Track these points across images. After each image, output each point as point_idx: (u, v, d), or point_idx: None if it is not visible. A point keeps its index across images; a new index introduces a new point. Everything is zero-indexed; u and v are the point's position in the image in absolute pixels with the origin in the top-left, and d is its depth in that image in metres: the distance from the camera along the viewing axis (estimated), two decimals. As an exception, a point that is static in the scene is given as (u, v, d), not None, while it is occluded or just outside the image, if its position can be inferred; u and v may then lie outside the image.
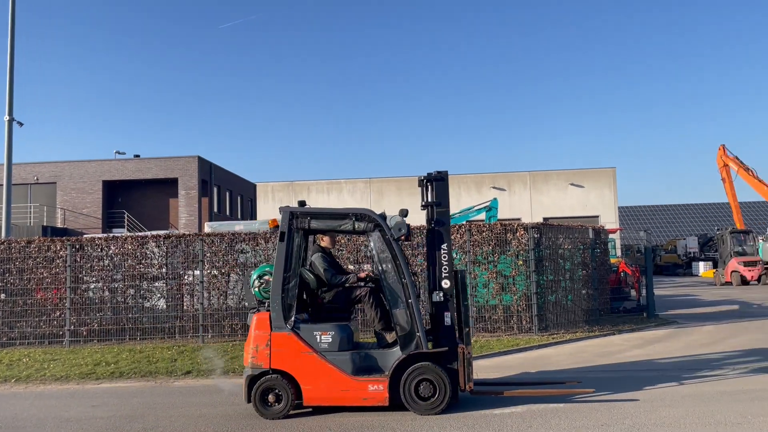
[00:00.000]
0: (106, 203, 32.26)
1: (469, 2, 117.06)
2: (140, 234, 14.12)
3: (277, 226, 7.10)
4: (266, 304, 7.04)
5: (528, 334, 12.13)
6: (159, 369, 9.96)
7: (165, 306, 12.91)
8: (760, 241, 32.75)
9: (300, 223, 6.95)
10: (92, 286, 12.91)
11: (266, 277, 7.13)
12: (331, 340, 6.76)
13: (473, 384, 6.91)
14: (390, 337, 7.03)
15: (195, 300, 12.80)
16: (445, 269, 7.02)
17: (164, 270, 12.96)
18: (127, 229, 30.45)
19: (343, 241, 12.48)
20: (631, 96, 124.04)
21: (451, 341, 6.87)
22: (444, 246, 7.06)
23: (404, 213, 7.08)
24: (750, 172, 37.37)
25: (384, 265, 6.89)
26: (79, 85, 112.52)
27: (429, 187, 7.33)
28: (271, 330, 6.77)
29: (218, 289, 12.73)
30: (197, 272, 12.67)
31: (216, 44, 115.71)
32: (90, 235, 18.10)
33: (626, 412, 6.63)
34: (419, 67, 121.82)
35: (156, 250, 12.97)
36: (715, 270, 34.35)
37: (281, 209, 7.09)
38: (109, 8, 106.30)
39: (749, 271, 29.22)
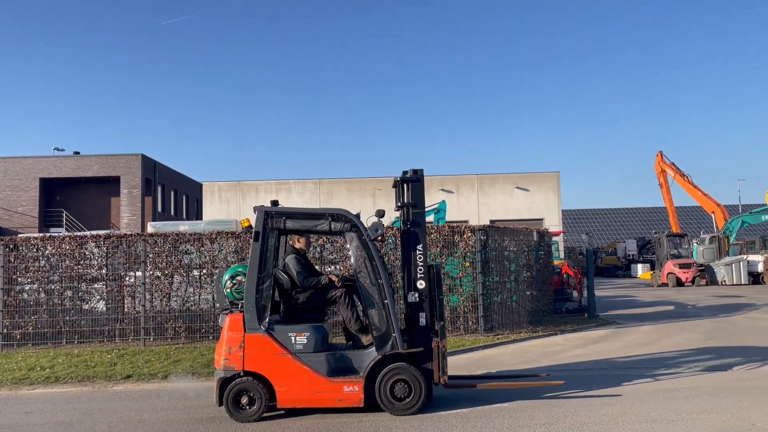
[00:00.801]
0: (43, 202, 31.08)
1: (411, 5, 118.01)
2: (79, 234, 13.64)
3: (250, 226, 6.98)
4: (239, 305, 6.92)
5: (474, 335, 12.29)
6: (97, 373, 9.63)
7: (105, 308, 12.50)
8: (695, 244, 34.19)
9: (275, 223, 6.86)
10: (27, 288, 12.39)
11: (239, 278, 7.00)
12: (306, 341, 6.69)
13: (447, 378, 6.94)
14: (366, 339, 7.00)
15: (136, 302, 12.45)
16: (420, 270, 7.05)
17: (104, 271, 12.56)
18: (66, 229, 29.39)
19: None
20: (575, 102, 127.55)
21: (426, 341, 6.90)
22: (419, 247, 7.09)
23: (380, 214, 7.08)
24: (686, 178, 38.98)
25: (360, 266, 6.87)
26: (15, 79, 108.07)
27: (405, 187, 7.34)
28: (245, 331, 6.65)
29: (161, 290, 12.41)
30: (139, 273, 12.32)
31: (161, 40, 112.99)
32: (25, 235, 17.39)
33: (567, 411, 6.79)
34: (368, 68, 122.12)
35: (96, 250, 12.55)
36: (652, 272, 35.62)
37: (256, 209, 6.96)
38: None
39: (684, 273, 30.41)
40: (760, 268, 30.23)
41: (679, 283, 30.18)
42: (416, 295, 7.02)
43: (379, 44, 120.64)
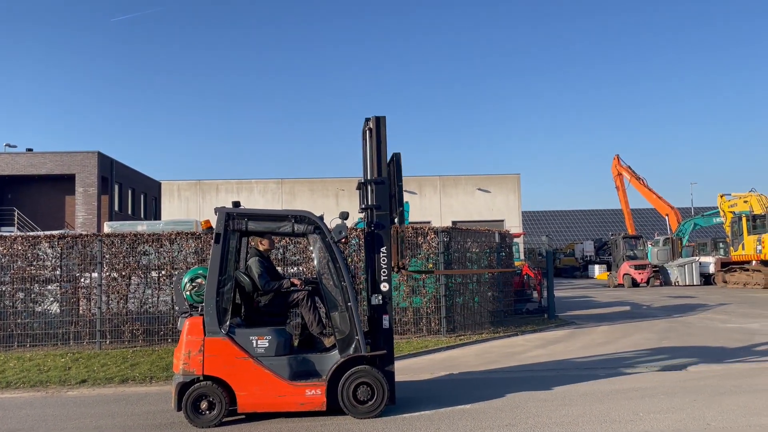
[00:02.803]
0: (-7, 200, 30.03)
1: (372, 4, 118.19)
2: (32, 234, 13.21)
3: (211, 228, 6.84)
4: (199, 309, 6.77)
5: (436, 336, 12.35)
6: (51, 378, 9.33)
7: (58, 310, 12.13)
8: (649, 245, 35.11)
9: (236, 225, 6.73)
10: (-24, 290, 11.93)
11: (199, 280, 6.85)
12: (267, 344, 6.59)
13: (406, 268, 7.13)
14: (328, 341, 6.94)
15: (92, 304, 12.11)
16: (384, 272, 7.01)
17: (58, 272, 12.18)
18: (18, 228, 28.44)
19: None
20: (534, 105, 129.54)
21: (389, 344, 6.88)
22: (383, 249, 7.04)
23: (344, 216, 7.01)
24: (641, 181, 40.05)
25: (323, 268, 6.80)
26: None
27: (369, 189, 7.30)
28: (205, 335, 6.51)
29: (118, 292, 12.10)
30: (95, 275, 11.99)
31: (115, 36, 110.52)
32: (-26, 234, 16.76)
33: (529, 411, 6.87)
34: (330, 67, 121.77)
35: (49, 251, 12.17)
36: (609, 272, 36.44)
37: (217, 210, 6.82)
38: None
39: (639, 273, 31.19)
40: (712, 269, 31.22)
41: (635, 283, 30.93)
42: (380, 297, 6.99)
43: (342, 40, 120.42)
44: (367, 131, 7.48)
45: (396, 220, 7.29)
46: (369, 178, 7.33)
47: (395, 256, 7.00)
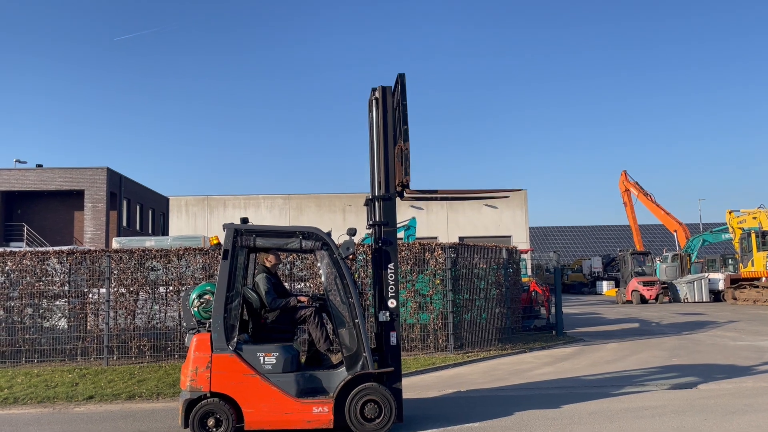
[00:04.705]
0: (3, 215, 30.22)
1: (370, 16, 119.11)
2: (41, 249, 13.27)
3: (219, 244, 6.87)
4: (206, 325, 6.78)
5: (444, 353, 12.28)
6: (58, 394, 9.33)
7: (66, 326, 12.15)
8: (658, 262, 34.88)
9: (245, 241, 6.76)
10: (-15, 305, 11.98)
11: (207, 296, 6.86)
12: (275, 361, 6.58)
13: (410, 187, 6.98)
14: (335, 358, 6.92)
15: (100, 319, 12.13)
16: (391, 289, 7.01)
17: (67, 288, 12.23)
18: (27, 244, 28.60)
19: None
20: (542, 121, 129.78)
21: (396, 361, 6.86)
22: (391, 266, 7.05)
23: (352, 232, 7.02)
24: (649, 197, 39.90)
25: (331, 284, 6.80)
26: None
27: (376, 206, 7.31)
28: (212, 351, 6.51)
29: (126, 308, 12.12)
30: (103, 290, 12.02)
31: (125, 53, 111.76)
32: (-16, 250, 16.86)
33: (538, 430, 6.81)
34: (334, 83, 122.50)
35: (58, 266, 12.22)
36: (617, 289, 36.19)
37: (225, 226, 6.86)
38: (8, 9, 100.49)
39: (648, 290, 30.95)
40: (721, 285, 30.93)
41: (643, 300, 30.69)
42: (387, 314, 6.98)
43: (350, 57, 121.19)
44: (374, 101, 7.46)
45: (401, 140, 7.16)
46: (375, 161, 7.26)
47: (399, 173, 6.73)
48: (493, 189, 7.83)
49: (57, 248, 13.76)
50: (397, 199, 7.35)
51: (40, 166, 32.60)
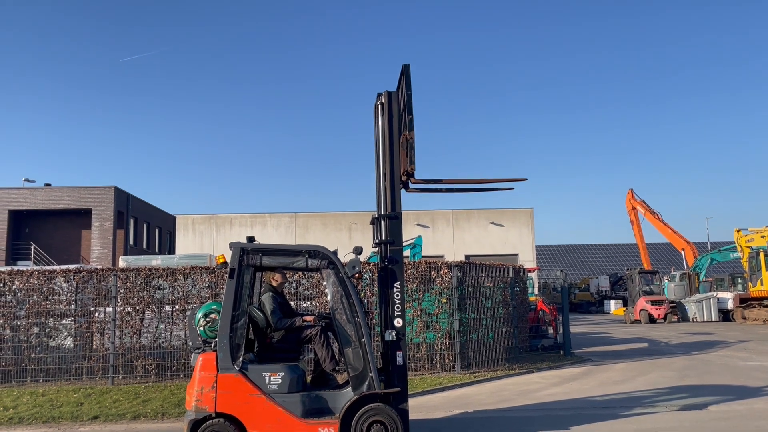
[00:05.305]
0: (11, 234, 30.36)
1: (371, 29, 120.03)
2: (48, 268, 13.30)
3: (225, 263, 6.87)
4: (212, 344, 6.75)
5: (451, 373, 12.19)
6: (63, 414, 9.30)
7: (72, 345, 12.14)
8: (666, 280, 34.65)
9: (251, 260, 6.77)
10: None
11: (212, 315, 6.84)
12: (280, 381, 6.54)
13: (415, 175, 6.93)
14: (341, 378, 6.88)
15: (106, 338, 12.12)
16: (397, 308, 6.98)
17: (73, 307, 12.24)
18: (34, 262, 28.71)
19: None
20: (546, 138, 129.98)
21: (402, 381, 6.81)
22: (397, 284, 7.03)
23: (358, 251, 7.00)
24: (656, 216, 39.77)
25: (337, 303, 6.77)
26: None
27: (382, 224, 7.30)
28: (218, 371, 6.48)
29: (132, 327, 12.12)
30: (109, 309, 12.03)
31: (131, 72, 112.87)
32: (-9, 268, 16.92)
33: (546, 452, 6.72)
34: (341, 100, 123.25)
35: (65, 285, 12.25)
36: (625, 308, 35.92)
37: (232, 245, 6.87)
38: (18, 23, 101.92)
39: (656, 309, 30.68)
40: (730, 305, 30.66)
41: (652, 319, 30.43)
42: (393, 333, 6.94)
43: (354, 71, 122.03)
44: (379, 106, 7.45)
45: (406, 129, 7.12)
46: (381, 167, 7.24)
47: (404, 162, 6.67)
48: (498, 179, 7.78)
49: (64, 267, 13.81)
50: (403, 218, 7.32)
51: (48, 185, 32.83)
